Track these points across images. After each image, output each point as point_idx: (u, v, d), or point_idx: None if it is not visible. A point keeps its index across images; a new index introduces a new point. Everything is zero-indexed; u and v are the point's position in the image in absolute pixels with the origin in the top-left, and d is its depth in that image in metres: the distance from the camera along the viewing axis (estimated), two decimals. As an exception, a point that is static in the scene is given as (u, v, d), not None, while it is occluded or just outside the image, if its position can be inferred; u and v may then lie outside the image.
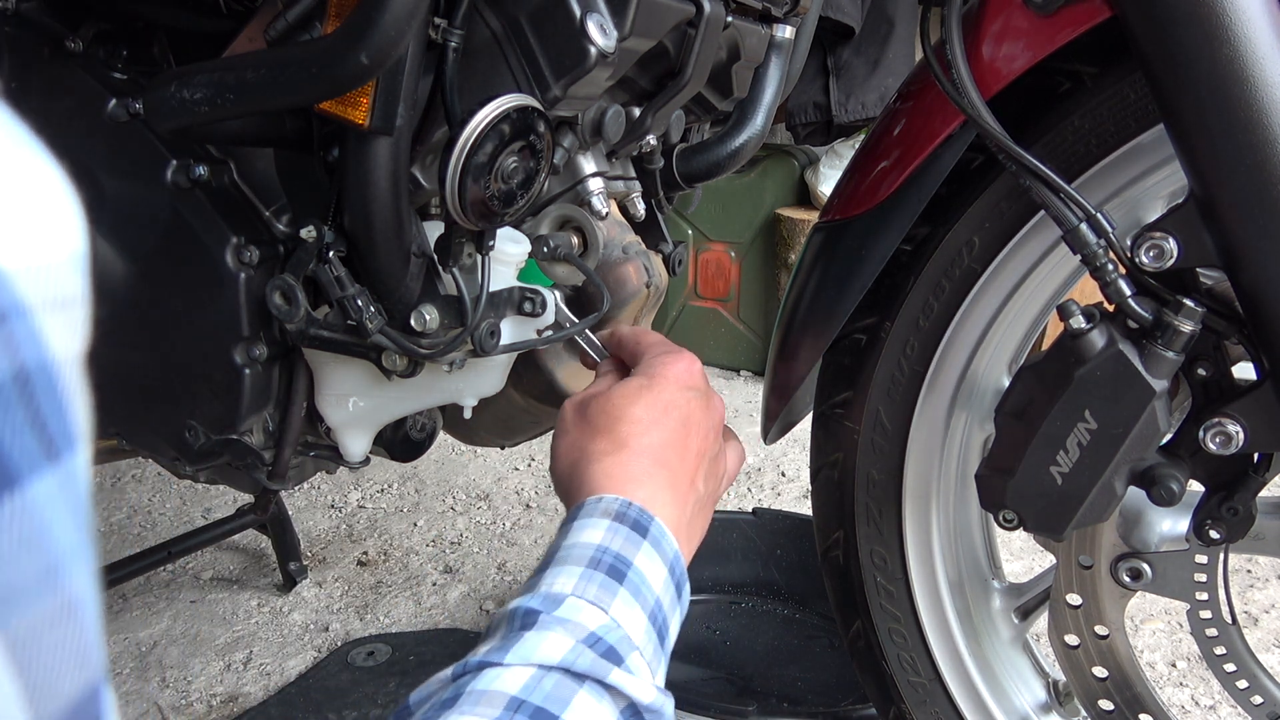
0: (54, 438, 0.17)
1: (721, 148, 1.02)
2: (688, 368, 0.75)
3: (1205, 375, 0.70)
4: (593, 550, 0.61)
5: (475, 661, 0.53)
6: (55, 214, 0.17)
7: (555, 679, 0.52)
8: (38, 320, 0.16)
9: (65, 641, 0.17)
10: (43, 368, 0.16)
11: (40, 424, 0.16)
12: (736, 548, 1.57)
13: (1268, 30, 0.59)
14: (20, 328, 0.16)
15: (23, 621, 0.16)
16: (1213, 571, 0.81)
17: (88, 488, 0.17)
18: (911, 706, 0.96)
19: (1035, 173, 0.68)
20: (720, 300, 2.80)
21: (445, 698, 0.51)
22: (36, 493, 0.16)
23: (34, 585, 0.17)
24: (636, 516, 0.64)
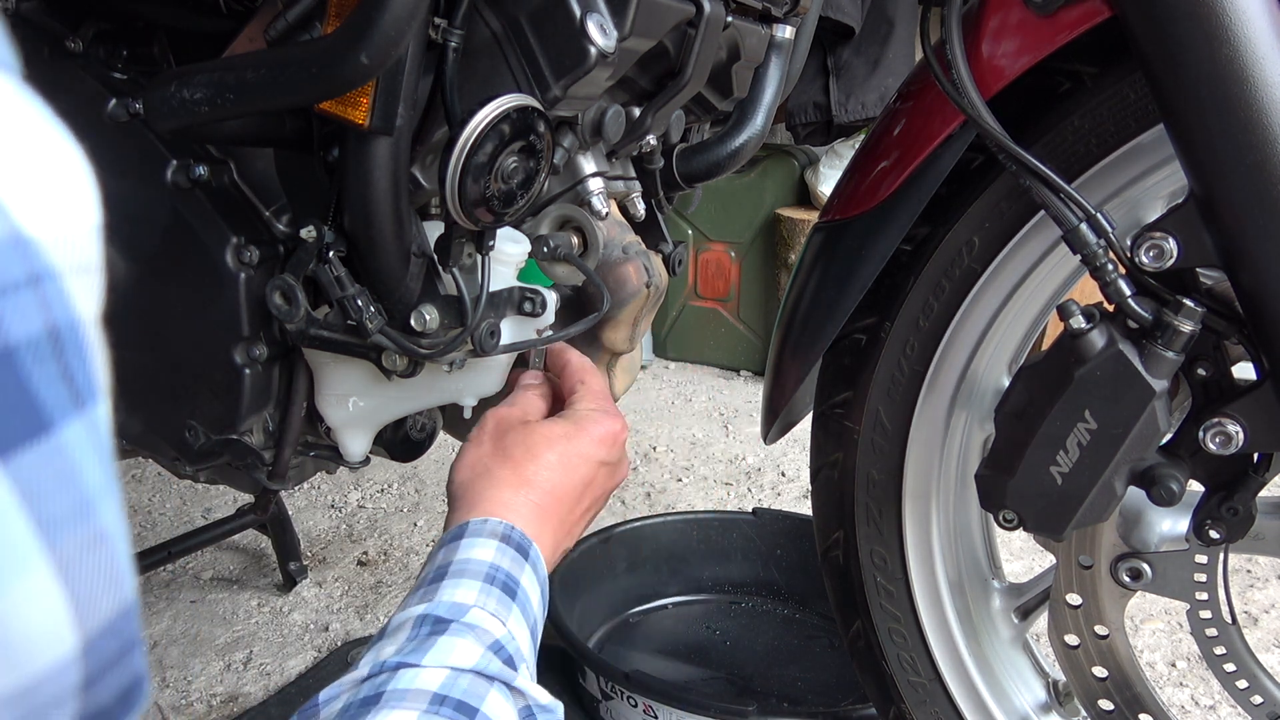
0: (80, 389, 0.19)
1: (721, 148, 1.02)
2: (612, 434, 0.79)
3: (1205, 375, 0.70)
4: (486, 567, 0.66)
5: (392, 663, 0.56)
6: (77, 187, 0.19)
7: (469, 679, 0.57)
8: (66, 283, 0.18)
9: (101, 566, 0.20)
10: (70, 326, 0.19)
11: (69, 376, 0.19)
12: (736, 548, 1.57)
13: (1267, 30, 0.59)
14: (51, 290, 0.18)
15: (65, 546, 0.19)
16: (1213, 571, 0.81)
17: (109, 434, 0.20)
18: (911, 706, 0.96)
19: (1035, 173, 0.68)
20: (720, 300, 2.80)
21: (365, 696, 0.54)
22: (68, 436, 0.19)
23: (71, 516, 0.19)
24: (519, 540, 0.69)
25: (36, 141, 0.19)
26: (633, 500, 2.01)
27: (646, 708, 1.16)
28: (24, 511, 0.18)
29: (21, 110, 0.19)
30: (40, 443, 0.18)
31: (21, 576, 0.18)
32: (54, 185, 0.19)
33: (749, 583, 1.57)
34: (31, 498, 0.18)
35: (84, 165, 0.20)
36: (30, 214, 0.18)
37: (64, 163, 0.19)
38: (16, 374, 0.18)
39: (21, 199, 0.18)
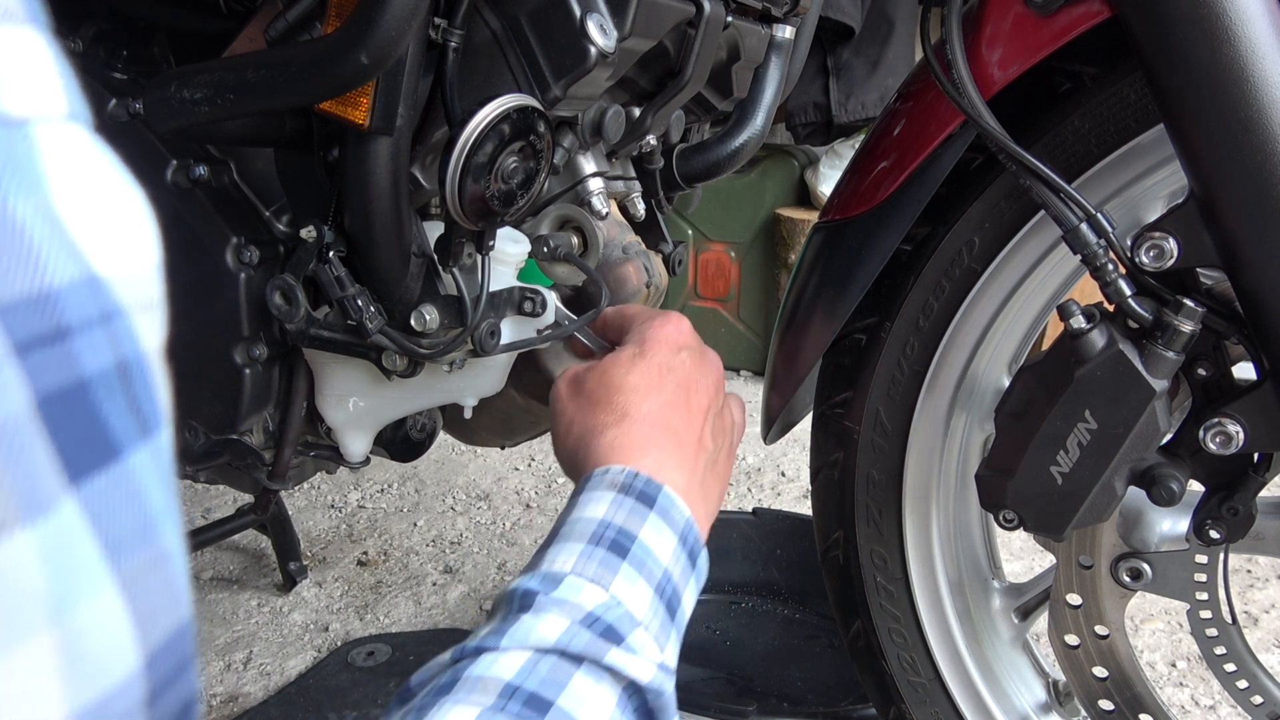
0: (147, 418, 0.21)
1: (721, 148, 1.02)
2: (676, 327, 0.74)
3: (1205, 375, 0.70)
4: (595, 525, 0.60)
5: (473, 646, 0.52)
6: (141, 229, 0.21)
7: (551, 662, 0.51)
8: (133, 320, 0.20)
9: (162, 585, 0.21)
10: (137, 360, 0.20)
11: (136, 406, 0.20)
12: (736, 548, 1.57)
13: (1268, 30, 0.59)
14: (120, 326, 0.20)
15: (130, 566, 0.20)
16: (1213, 571, 0.81)
17: (172, 460, 0.21)
18: (911, 706, 0.96)
19: (1035, 172, 0.68)
20: (720, 300, 2.80)
21: (442, 682, 0.50)
22: (134, 462, 0.20)
23: (136, 537, 0.20)
24: (643, 487, 0.62)
25: (105, 187, 0.21)
26: (633, 500, 2.00)
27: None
28: (93, 534, 0.19)
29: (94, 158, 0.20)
30: (110, 469, 0.19)
31: (91, 597, 0.19)
32: (121, 227, 0.20)
33: (749, 583, 1.57)
34: (100, 521, 0.19)
35: (146, 207, 0.21)
36: (101, 255, 0.20)
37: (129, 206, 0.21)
38: (89, 405, 0.19)
39: (93, 241, 0.19)
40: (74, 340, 0.19)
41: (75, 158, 0.19)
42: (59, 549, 0.19)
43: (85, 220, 0.20)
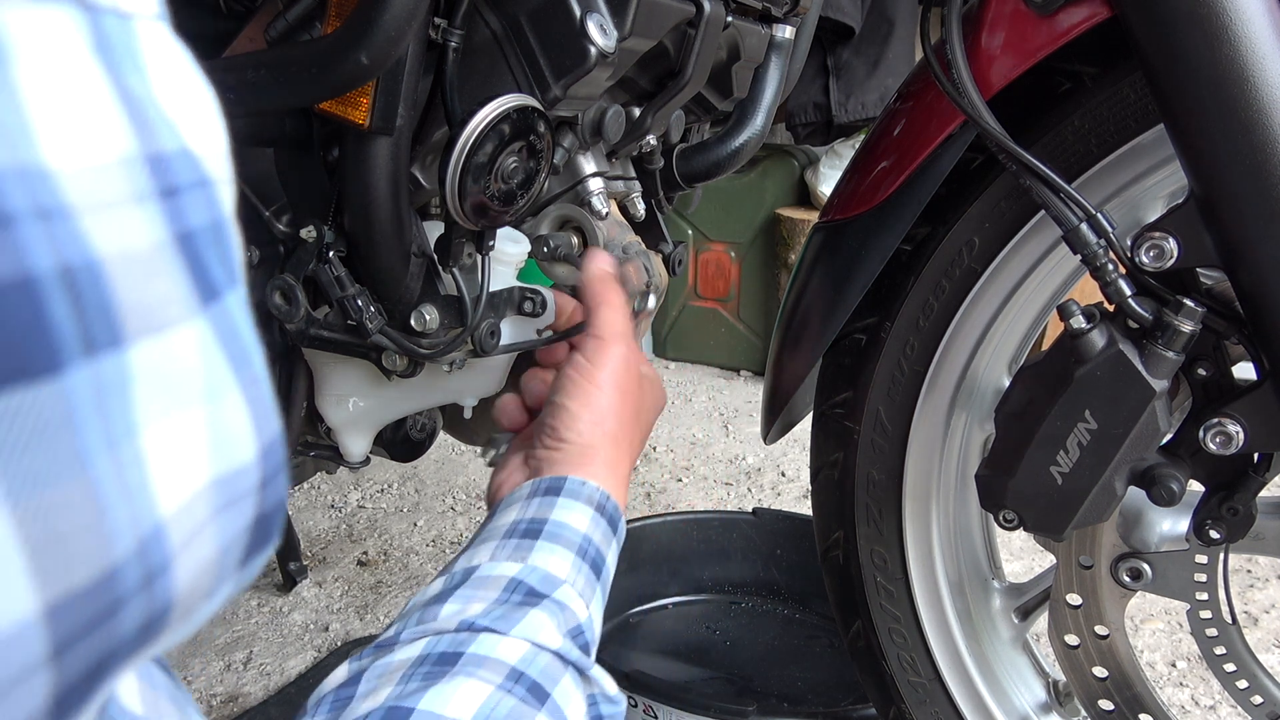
0: (233, 271, 0.24)
1: (721, 148, 1.02)
2: (664, 401, 0.78)
3: (1205, 375, 0.70)
4: (580, 539, 0.64)
5: (480, 625, 0.56)
6: (215, 116, 0.25)
7: (548, 659, 0.56)
8: (218, 191, 0.24)
9: (265, 398, 0.25)
10: (223, 222, 0.24)
11: (226, 260, 0.24)
12: (736, 548, 1.57)
13: (1268, 30, 0.59)
14: (212, 193, 0.23)
15: (244, 376, 0.25)
16: (1213, 571, 0.81)
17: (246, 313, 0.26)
18: (911, 706, 0.96)
19: (1035, 172, 0.68)
20: (720, 300, 2.80)
21: (444, 651, 0.54)
22: (230, 303, 0.24)
23: (243, 356, 0.25)
24: (612, 513, 0.68)
25: (189, 76, 0.24)
26: (633, 500, 2.01)
27: (646, 708, 1.16)
28: (221, 351, 0.24)
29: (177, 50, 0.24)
30: (218, 304, 0.23)
31: (227, 392, 0.24)
32: (203, 113, 0.24)
33: (749, 583, 1.57)
34: (223, 339, 0.24)
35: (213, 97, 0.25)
36: (192, 133, 0.23)
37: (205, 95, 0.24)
38: (198, 251, 0.23)
39: (185, 121, 0.23)
40: (183, 197, 0.22)
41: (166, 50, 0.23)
42: (207, 346, 0.23)
43: (177, 102, 0.23)
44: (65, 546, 0.20)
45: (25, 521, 0.19)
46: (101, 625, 0.21)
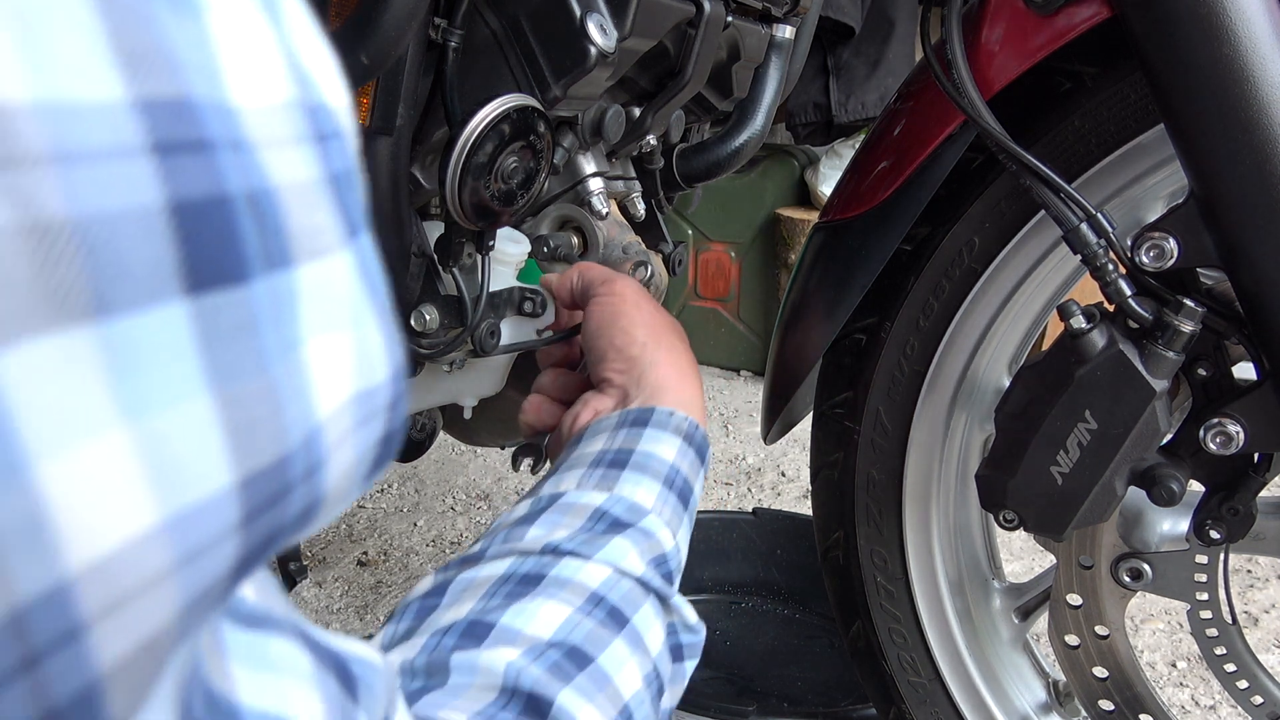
0: (362, 213, 0.27)
1: (721, 148, 1.02)
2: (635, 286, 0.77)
3: (1205, 375, 0.70)
4: (668, 469, 0.64)
5: (566, 548, 0.57)
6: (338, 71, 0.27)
7: (630, 584, 0.56)
8: (348, 142, 0.26)
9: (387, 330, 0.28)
10: (355, 170, 0.26)
11: (357, 202, 0.26)
12: (736, 548, 1.57)
13: (1268, 30, 0.59)
14: (346, 144, 0.26)
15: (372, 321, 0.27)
16: (1213, 571, 0.81)
17: None
18: (911, 707, 0.96)
19: (1035, 172, 0.68)
20: (720, 300, 2.80)
21: (528, 571, 0.55)
22: (364, 239, 0.26)
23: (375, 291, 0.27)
24: (700, 442, 0.68)
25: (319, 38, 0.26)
26: (633, 500, 2.00)
27: (646, 708, 1.16)
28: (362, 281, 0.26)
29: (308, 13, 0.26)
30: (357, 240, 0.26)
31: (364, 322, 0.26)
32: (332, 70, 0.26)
33: (749, 583, 1.57)
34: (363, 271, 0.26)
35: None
36: (329, 89, 0.26)
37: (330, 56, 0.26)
38: (341, 192, 0.25)
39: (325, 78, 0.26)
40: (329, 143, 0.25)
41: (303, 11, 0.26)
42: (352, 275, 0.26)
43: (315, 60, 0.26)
44: (253, 431, 0.22)
45: (224, 405, 0.22)
46: (276, 505, 0.24)
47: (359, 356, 0.26)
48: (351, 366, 0.26)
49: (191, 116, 0.21)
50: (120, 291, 0.20)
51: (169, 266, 0.21)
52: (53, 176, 0.19)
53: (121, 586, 0.20)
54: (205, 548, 0.21)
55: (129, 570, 0.20)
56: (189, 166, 0.21)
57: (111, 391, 0.20)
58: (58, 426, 0.19)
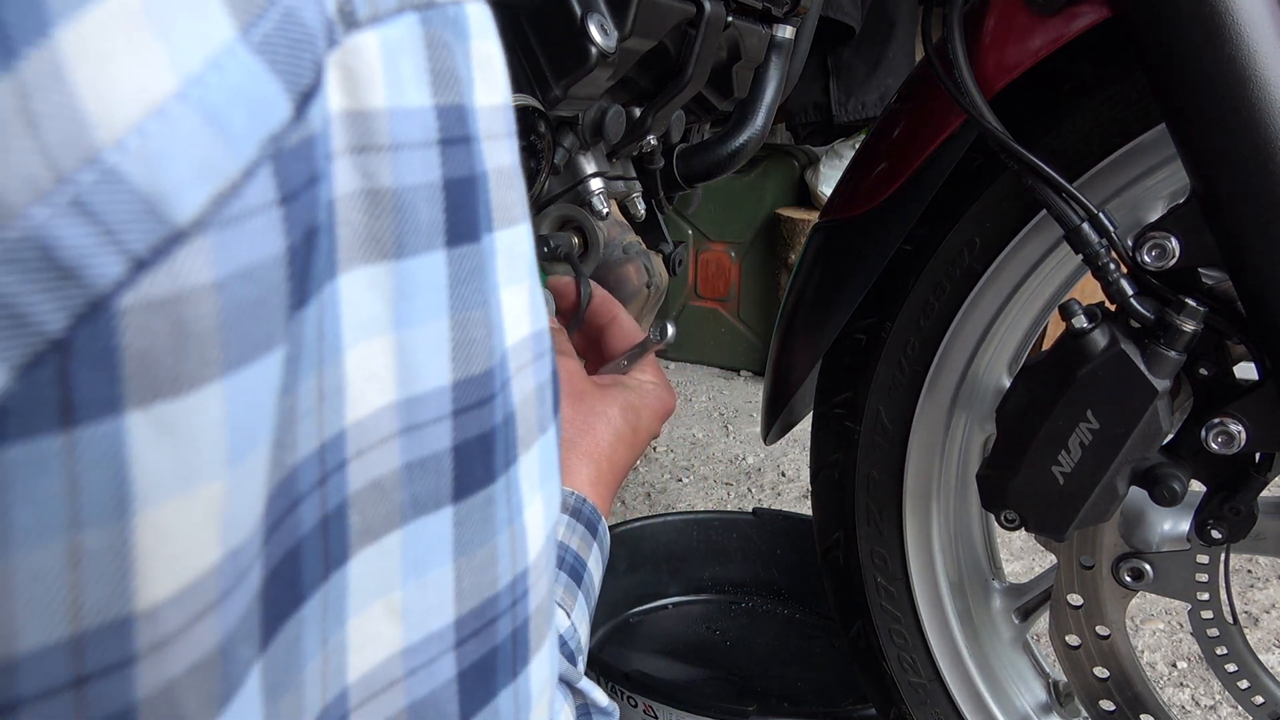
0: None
1: (722, 148, 1.02)
2: (668, 411, 0.79)
3: (1207, 375, 0.70)
4: (556, 547, 0.61)
5: None
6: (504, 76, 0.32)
7: None
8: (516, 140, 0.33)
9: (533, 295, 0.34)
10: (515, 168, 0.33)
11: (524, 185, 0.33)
12: (736, 548, 1.57)
13: (1270, 29, 0.58)
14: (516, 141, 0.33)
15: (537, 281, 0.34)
16: (1214, 571, 0.81)
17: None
18: (912, 707, 0.96)
19: (1037, 172, 0.68)
20: (720, 300, 2.80)
21: None
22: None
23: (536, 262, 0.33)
24: (590, 516, 0.67)
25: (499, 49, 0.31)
26: (633, 500, 2.00)
27: (646, 708, 1.16)
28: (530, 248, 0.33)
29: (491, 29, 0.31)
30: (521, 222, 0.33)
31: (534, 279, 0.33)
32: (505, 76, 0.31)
33: (749, 583, 1.57)
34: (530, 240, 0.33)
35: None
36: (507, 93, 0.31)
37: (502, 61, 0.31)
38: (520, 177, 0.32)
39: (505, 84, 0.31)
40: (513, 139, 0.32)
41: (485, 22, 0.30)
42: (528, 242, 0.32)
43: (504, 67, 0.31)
44: (470, 348, 0.29)
45: (454, 327, 0.29)
46: (484, 406, 0.30)
47: (533, 304, 0.33)
48: (528, 310, 0.33)
49: (463, 118, 0.28)
50: (411, 240, 0.27)
51: (440, 225, 0.28)
52: (388, 159, 0.26)
53: (369, 440, 0.27)
54: (425, 425, 0.29)
55: (374, 430, 0.27)
56: (458, 154, 0.28)
57: (392, 308, 0.27)
58: (358, 327, 0.26)
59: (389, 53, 0.26)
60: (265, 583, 0.24)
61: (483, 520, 0.32)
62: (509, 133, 0.31)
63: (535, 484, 0.35)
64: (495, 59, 0.30)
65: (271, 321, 0.22)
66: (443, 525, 0.30)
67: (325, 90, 0.24)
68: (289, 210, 0.23)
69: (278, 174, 0.22)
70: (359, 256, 0.26)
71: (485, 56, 0.29)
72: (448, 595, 0.31)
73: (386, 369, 0.27)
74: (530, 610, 0.35)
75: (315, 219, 0.24)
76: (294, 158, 0.23)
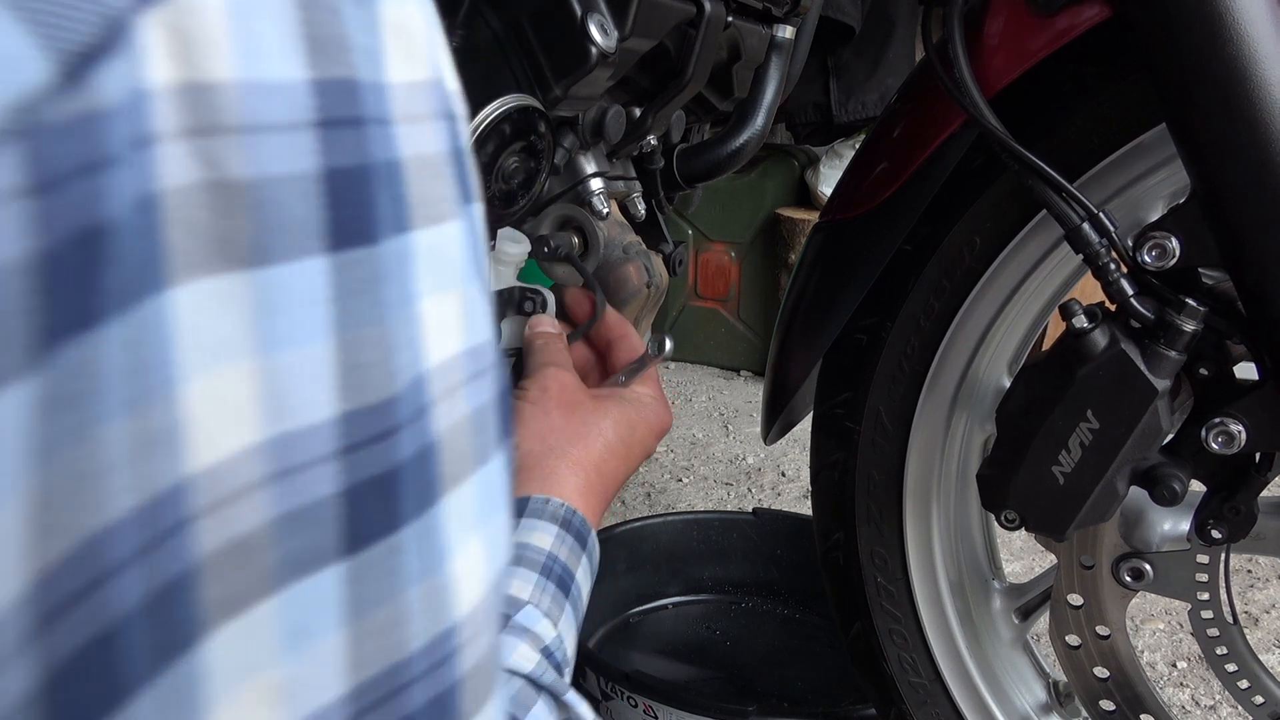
0: (474, 185, 0.29)
1: (722, 148, 1.02)
2: (665, 428, 0.78)
3: (1207, 375, 0.70)
4: (544, 557, 0.62)
5: None
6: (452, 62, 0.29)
7: (519, 684, 0.53)
8: (462, 123, 0.29)
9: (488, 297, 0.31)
10: (467, 148, 0.29)
11: (470, 175, 0.29)
12: (736, 548, 1.57)
13: (1270, 29, 0.58)
14: (462, 125, 0.28)
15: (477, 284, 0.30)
16: (1214, 571, 0.81)
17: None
18: (912, 707, 0.96)
19: (1037, 172, 0.68)
20: (720, 300, 2.80)
21: None
22: (475, 209, 0.29)
23: (479, 263, 0.30)
24: (580, 527, 0.66)
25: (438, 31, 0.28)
26: (633, 500, 2.00)
27: (647, 708, 1.16)
28: (469, 247, 0.29)
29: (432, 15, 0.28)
30: (469, 209, 0.29)
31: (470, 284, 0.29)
32: (448, 60, 0.28)
33: (749, 583, 1.57)
34: (470, 238, 0.29)
35: None
36: (449, 75, 0.28)
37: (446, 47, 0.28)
38: (460, 166, 0.28)
39: (447, 65, 0.28)
40: (455, 122, 0.28)
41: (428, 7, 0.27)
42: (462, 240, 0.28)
43: (441, 42, 0.28)
44: (363, 373, 0.25)
45: (341, 348, 0.24)
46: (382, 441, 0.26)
47: (467, 314, 0.29)
48: (461, 322, 0.28)
49: (353, 95, 0.24)
50: (276, 244, 0.23)
51: (317, 225, 0.23)
52: (239, 144, 0.22)
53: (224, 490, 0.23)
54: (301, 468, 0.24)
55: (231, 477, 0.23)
56: (344, 139, 0.24)
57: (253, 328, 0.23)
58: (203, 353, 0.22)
59: (239, 13, 0.21)
60: (49, 683, 0.20)
61: (385, 575, 0.27)
62: (440, 114, 0.27)
63: (470, 525, 0.30)
64: (417, 25, 0.26)
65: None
66: (329, 586, 0.25)
67: (132, 55, 0.20)
68: (46, 204, 0.18)
69: (29, 156, 0.18)
70: (202, 265, 0.21)
71: (401, 22, 0.25)
72: (338, 665, 0.26)
73: (248, 401, 0.23)
74: (461, 673, 0.30)
75: (102, 217, 0.19)
76: (62, 136, 0.19)
